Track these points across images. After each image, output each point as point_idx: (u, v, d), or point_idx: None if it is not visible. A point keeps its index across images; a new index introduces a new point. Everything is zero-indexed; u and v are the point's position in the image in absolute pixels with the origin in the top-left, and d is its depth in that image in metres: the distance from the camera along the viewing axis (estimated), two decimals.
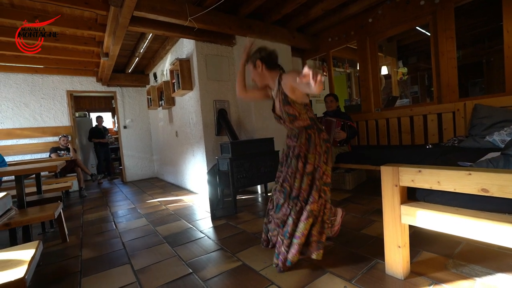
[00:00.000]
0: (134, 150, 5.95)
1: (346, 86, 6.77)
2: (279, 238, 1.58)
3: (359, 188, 3.41)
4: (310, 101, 4.94)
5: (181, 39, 3.78)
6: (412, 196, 1.37)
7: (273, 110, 1.76)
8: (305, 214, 1.52)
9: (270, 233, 1.71)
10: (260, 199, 3.33)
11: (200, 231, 2.36)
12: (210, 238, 2.18)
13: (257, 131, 3.54)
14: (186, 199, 3.63)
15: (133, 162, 5.94)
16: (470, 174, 1.06)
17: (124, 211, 3.32)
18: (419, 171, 1.21)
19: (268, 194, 3.41)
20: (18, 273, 0.90)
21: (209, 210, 2.86)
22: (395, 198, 1.32)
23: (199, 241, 2.15)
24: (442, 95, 3.06)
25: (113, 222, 2.90)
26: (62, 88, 5.08)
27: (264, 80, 1.70)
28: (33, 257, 1.03)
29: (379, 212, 2.36)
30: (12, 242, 1.77)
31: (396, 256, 1.35)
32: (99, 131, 5.73)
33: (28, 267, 0.95)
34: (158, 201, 3.71)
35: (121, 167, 6.00)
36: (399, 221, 1.32)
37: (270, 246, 1.81)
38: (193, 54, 3.55)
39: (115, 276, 1.70)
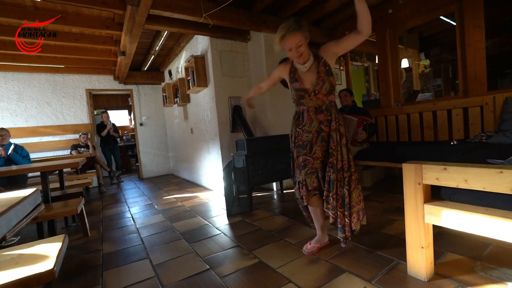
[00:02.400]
0: (150, 147, 6.11)
1: (364, 81, 6.61)
2: (338, 213, 1.61)
3: (377, 185, 3.34)
4: None
5: (196, 36, 3.82)
6: (435, 194, 1.33)
7: (297, 87, 1.69)
8: (353, 183, 1.64)
9: (330, 211, 1.63)
10: (275, 196, 3.33)
11: (216, 228, 2.40)
12: (226, 235, 2.21)
13: (272, 128, 3.53)
14: (202, 196, 3.69)
15: (149, 159, 6.10)
16: (501, 172, 1.01)
17: (142, 207, 3.43)
18: (444, 168, 1.17)
19: (284, 191, 3.40)
20: (47, 265, 0.96)
21: (224, 207, 2.89)
22: (418, 196, 1.28)
23: (215, 237, 2.18)
24: (469, 88, 2.91)
25: (131, 218, 2.99)
26: (81, 87, 5.28)
27: (306, 54, 1.65)
28: (60, 250, 1.09)
29: (399, 211, 2.30)
30: (40, 235, 1.87)
31: (419, 257, 1.32)
32: (104, 127, 5.41)
33: (57, 259, 1.00)
34: (174, 197, 3.79)
35: (137, 164, 6.18)
36: (423, 220, 1.28)
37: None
38: (207, 51, 3.58)
39: (134, 270, 1.77)
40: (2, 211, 0.55)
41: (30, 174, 3.68)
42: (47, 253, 1.06)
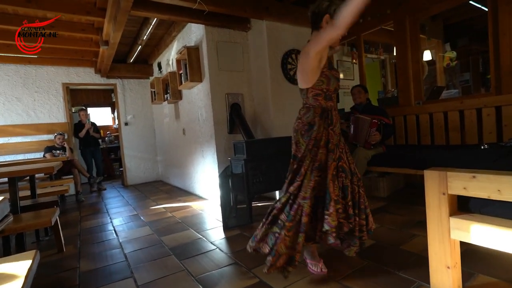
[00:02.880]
0: (136, 150, 6.11)
1: (380, 75, 6.62)
2: (357, 219, 1.62)
3: (395, 195, 3.33)
4: (337, 93, 4.89)
5: (189, 24, 3.84)
6: (463, 207, 1.32)
7: (337, 75, 1.73)
8: (361, 182, 1.71)
9: (347, 221, 1.55)
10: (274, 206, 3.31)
11: (211, 243, 2.39)
12: (222, 251, 2.20)
13: (275, 129, 3.54)
14: (195, 206, 3.69)
15: (135, 164, 6.11)
16: None
17: (126, 218, 3.42)
18: (474, 176, 1.16)
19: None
20: (14, 286, 0.95)
21: (220, 218, 2.88)
22: (442, 208, 1.27)
23: (210, 253, 2.17)
24: (503, 84, 2.91)
25: (113, 231, 2.99)
26: (57, 81, 5.30)
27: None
28: (30, 269, 1.08)
29: (421, 225, 2.29)
30: (6, 251, 1.86)
31: (445, 279, 1.31)
32: (82, 127, 5.35)
33: (25, 280, 0.99)
34: (164, 207, 3.79)
35: (121, 169, 6.19)
36: (448, 236, 1.27)
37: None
38: (202, 41, 3.59)
39: None
40: None
41: None
42: (14, 272, 1.05)
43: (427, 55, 4.97)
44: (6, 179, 2.15)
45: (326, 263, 1.83)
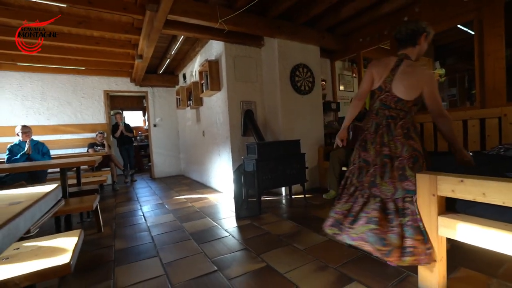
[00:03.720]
0: (163, 148, 6.20)
1: None
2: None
3: None
4: (338, 103, 4.84)
5: (211, 41, 3.88)
6: (450, 207, 1.28)
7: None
8: None
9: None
10: (284, 201, 3.31)
11: (225, 230, 2.40)
12: (234, 238, 2.21)
13: (283, 133, 3.53)
14: (211, 198, 3.71)
15: (161, 160, 6.20)
16: None
17: (153, 206, 3.47)
18: (461, 180, 1.13)
19: (293, 196, 3.37)
20: (64, 258, 0.98)
21: (233, 209, 2.90)
22: (432, 208, 1.25)
23: (223, 239, 2.18)
24: (486, 99, 2.82)
25: (142, 216, 3.04)
26: (99, 88, 5.43)
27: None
28: (76, 245, 1.12)
29: None
30: (57, 229, 1.92)
31: (431, 270, 1.27)
32: (117, 128, 5.44)
33: (73, 253, 1.03)
34: (185, 198, 3.83)
35: (150, 164, 6.29)
36: (436, 233, 1.24)
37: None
38: (222, 56, 3.62)
39: (145, 267, 1.79)
40: (28, 205, 0.57)
41: (49, 170, 3.80)
42: (64, 247, 1.09)
43: None
44: (58, 169, 2.22)
45: (324, 253, 1.82)
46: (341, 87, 5.25)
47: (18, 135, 3.54)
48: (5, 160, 3.45)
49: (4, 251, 0.75)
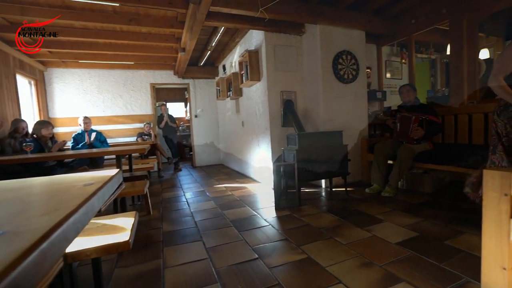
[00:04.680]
0: (203, 137, 6.47)
1: (429, 75, 5.92)
2: None
3: (439, 192, 2.99)
4: (384, 91, 4.51)
5: (250, 30, 3.87)
6: None
7: None
8: None
9: None
10: (324, 193, 3.23)
11: (264, 219, 2.43)
12: (274, 227, 2.23)
13: (324, 124, 3.42)
14: (250, 187, 3.78)
15: (202, 149, 6.47)
16: None
17: (195, 193, 3.66)
18: None
19: (333, 189, 3.28)
20: (124, 236, 1.09)
21: (272, 199, 2.92)
22: (502, 209, 1.10)
23: (263, 228, 2.22)
24: None
25: (186, 202, 3.23)
26: (147, 81, 5.82)
27: None
28: (133, 224, 1.23)
29: (468, 222, 2.02)
30: (114, 209, 2.14)
31: (499, 279, 1.14)
32: (162, 119, 5.85)
33: (131, 232, 1.13)
34: (224, 186, 3.96)
35: (191, 153, 6.61)
36: (507, 238, 1.10)
37: None
38: (261, 45, 3.60)
39: (190, 250, 1.90)
40: (99, 187, 0.63)
41: (106, 156, 4.22)
42: (123, 226, 1.20)
43: (484, 54, 4.28)
44: (114, 156, 2.45)
45: (368, 249, 1.74)
46: (388, 75, 4.87)
47: (81, 125, 3.98)
48: (70, 147, 3.91)
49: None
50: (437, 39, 4.68)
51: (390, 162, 3.08)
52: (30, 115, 4.65)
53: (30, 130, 3.44)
